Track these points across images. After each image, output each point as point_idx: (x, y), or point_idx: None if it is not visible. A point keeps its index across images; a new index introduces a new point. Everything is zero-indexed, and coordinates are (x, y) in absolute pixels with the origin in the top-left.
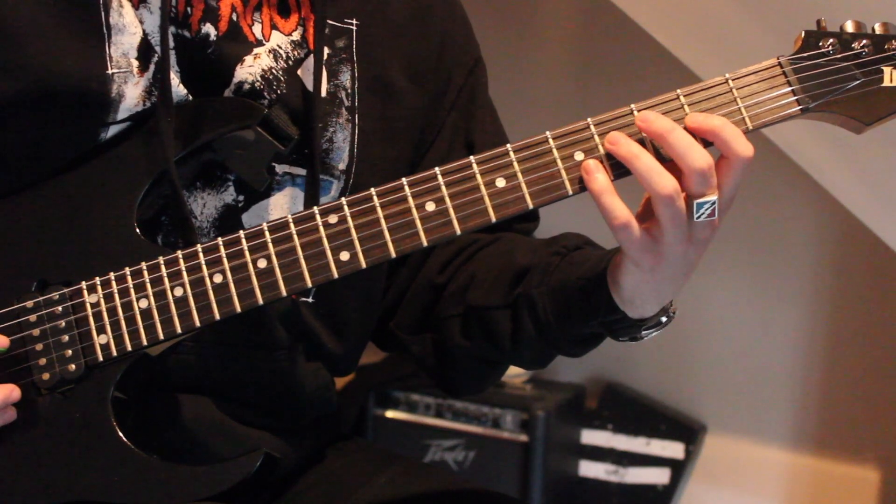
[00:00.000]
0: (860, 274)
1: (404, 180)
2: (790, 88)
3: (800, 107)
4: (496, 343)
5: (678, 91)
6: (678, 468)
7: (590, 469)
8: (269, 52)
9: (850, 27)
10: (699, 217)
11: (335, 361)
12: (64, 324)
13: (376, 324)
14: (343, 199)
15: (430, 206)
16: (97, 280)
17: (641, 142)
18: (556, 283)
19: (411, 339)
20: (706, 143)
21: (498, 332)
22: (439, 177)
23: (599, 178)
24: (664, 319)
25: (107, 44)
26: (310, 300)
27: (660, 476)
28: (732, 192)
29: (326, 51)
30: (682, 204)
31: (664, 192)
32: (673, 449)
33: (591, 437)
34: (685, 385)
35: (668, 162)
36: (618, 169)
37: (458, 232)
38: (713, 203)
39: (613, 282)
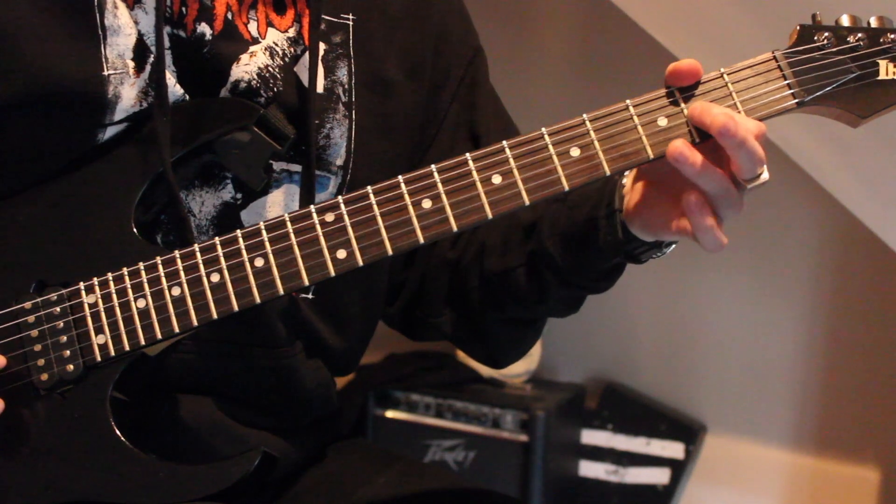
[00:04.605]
0: (860, 274)
1: (400, 178)
2: (786, 82)
3: (795, 100)
4: (523, 302)
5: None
6: (678, 468)
7: (590, 469)
8: (265, 49)
9: (845, 21)
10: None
11: (336, 359)
12: (62, 324)
13: (404, 315)
14: (340, 198)
15: (427, 204)
16: (95, 281)
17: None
18: (566, 229)
19: (440, 321)
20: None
21: (522, 292)
22: (435, 174)
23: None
24: None
25: (102, 45)
26: (310, 297)
27: (660, 476)
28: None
29: (323, 47)
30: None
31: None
32: (673, 449)
33: (590, 437)
34: (685, 385)
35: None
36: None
37: (455, 229)
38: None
39: (646, 224)
